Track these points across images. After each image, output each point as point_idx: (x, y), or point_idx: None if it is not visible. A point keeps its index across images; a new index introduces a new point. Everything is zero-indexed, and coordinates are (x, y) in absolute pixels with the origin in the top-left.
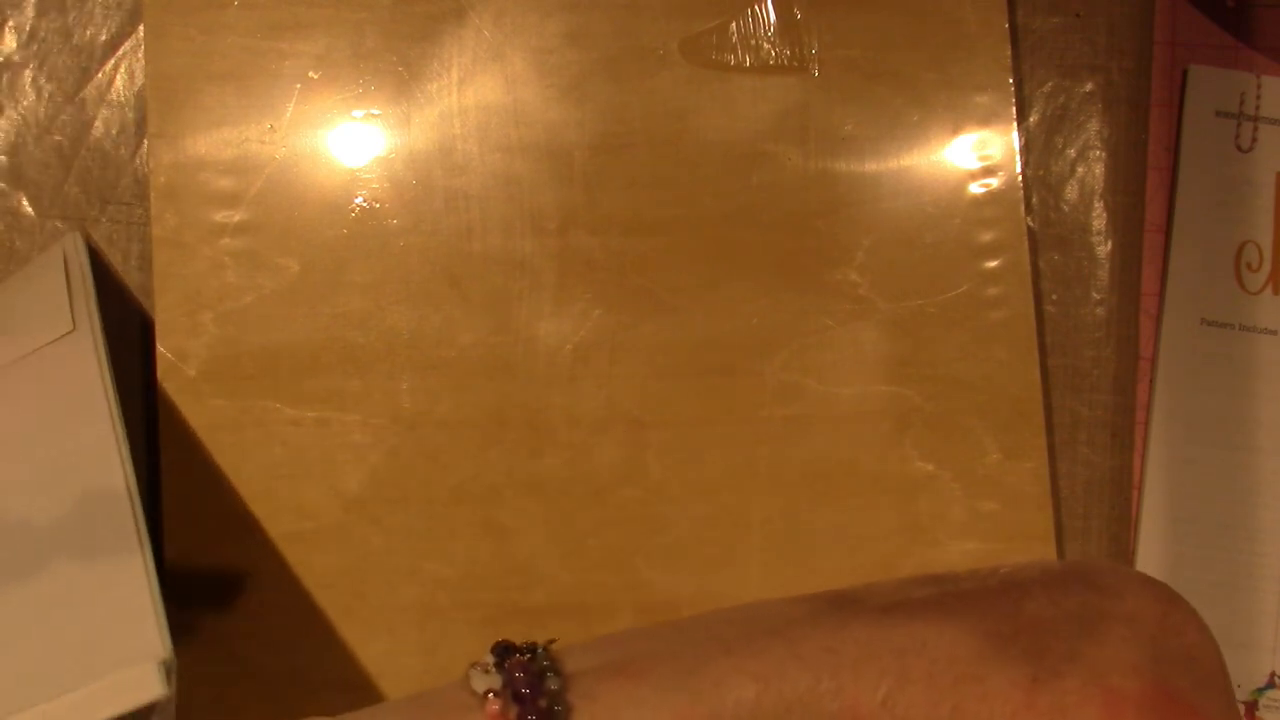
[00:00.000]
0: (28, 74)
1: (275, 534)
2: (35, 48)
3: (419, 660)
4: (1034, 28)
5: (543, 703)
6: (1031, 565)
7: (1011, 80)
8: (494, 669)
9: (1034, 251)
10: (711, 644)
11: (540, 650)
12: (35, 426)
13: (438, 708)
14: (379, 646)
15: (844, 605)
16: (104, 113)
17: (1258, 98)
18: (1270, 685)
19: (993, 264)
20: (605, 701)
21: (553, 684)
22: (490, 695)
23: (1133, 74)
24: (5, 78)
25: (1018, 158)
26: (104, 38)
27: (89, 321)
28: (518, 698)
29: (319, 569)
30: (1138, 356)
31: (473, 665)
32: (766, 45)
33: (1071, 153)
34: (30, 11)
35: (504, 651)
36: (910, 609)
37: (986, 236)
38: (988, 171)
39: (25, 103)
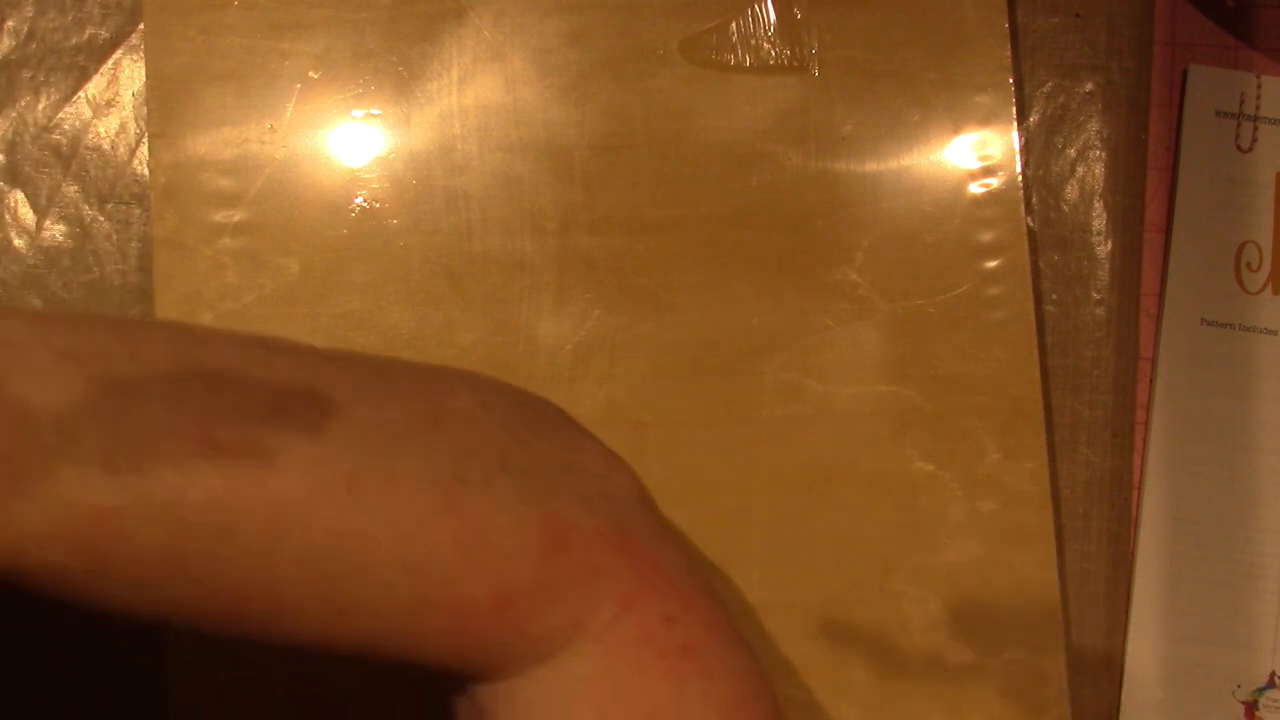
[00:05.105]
0: (27, 74)
1: None
2: (35, 47)
3: None
4: (1034, 28)
5: None
6: (455, 369)
7: (1011, 80)
8: None
9: (1034, 251)
10: None
11: None
12: None
13: None
14: None
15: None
16: (103, 113)
17: (1258, 98)
18: (1270, 685)
19: (993, 264)
20: None
21: None
22: None
23: (1133, 74)
24: (4, 77)
25: (1018, 158)
26: (104, 38)
27: None
28: None
29: None
30: (1138, 356)
31: None
32: (766, 45)
33: (1071, 153)
34: (30, 11)
35: None
36: (316, 367)
37: (986, 236)
38: (988, 171)
39: (24, 102)
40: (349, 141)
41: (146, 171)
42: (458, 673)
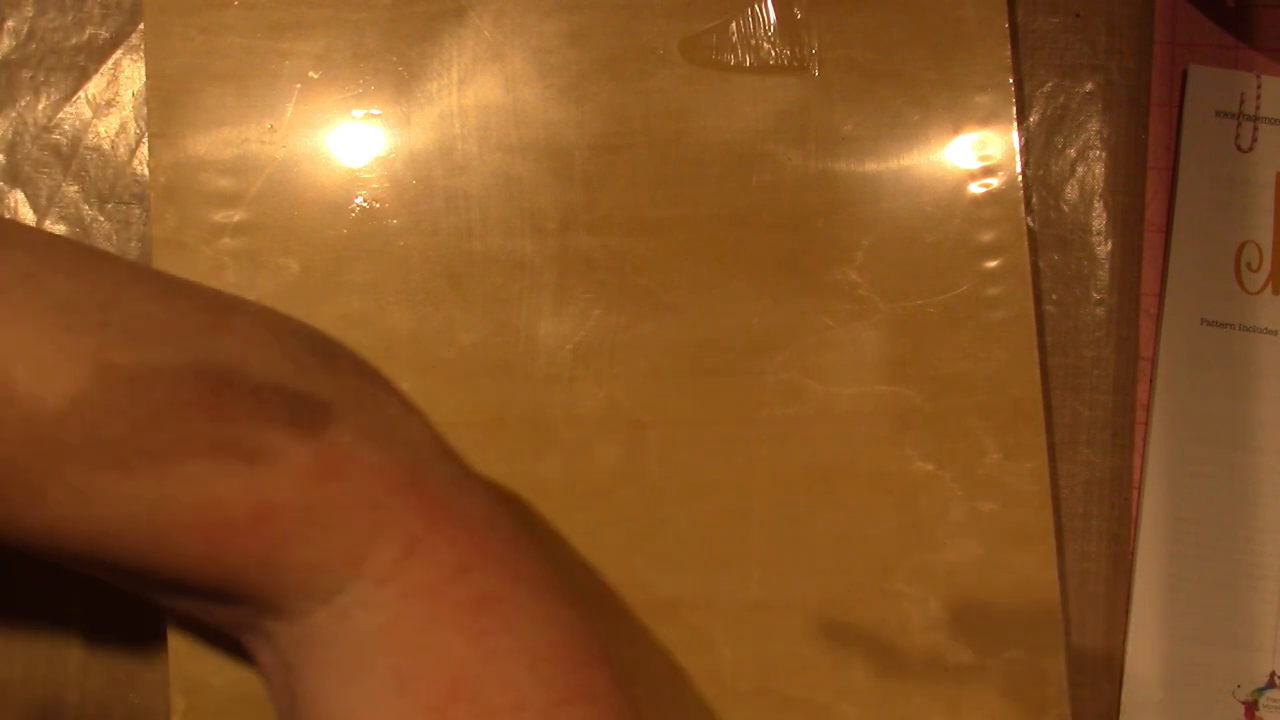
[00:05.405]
0: (27, 74)
1: None
2: (34, 47)
3: None
4: (1034, 28)
5: None
6: (255, 304)
7: (1011, 80)
8: None
9: (1034, 251)
10: None
11: None
12: None
13: None
14: None
15: None
16: (103, 113)
17: (1258, 98)
18: (1270, 685)
19: (993, 264)
20: None
21: None
22: None
23: (1133, 74)
24: (4, 77)
25: (1018, 158)
26: (104, 38)
27: None
28: None
29: None
30: (1138, 356)
31: None
32: (766, 45)
33: (1071, 153)
34: (30, 11)
35: None
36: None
37: (986, 236)
38: (988, 171)
39: (24, 102)
40: (349, 141)
41: (146, 171)
42: (226, 595)
